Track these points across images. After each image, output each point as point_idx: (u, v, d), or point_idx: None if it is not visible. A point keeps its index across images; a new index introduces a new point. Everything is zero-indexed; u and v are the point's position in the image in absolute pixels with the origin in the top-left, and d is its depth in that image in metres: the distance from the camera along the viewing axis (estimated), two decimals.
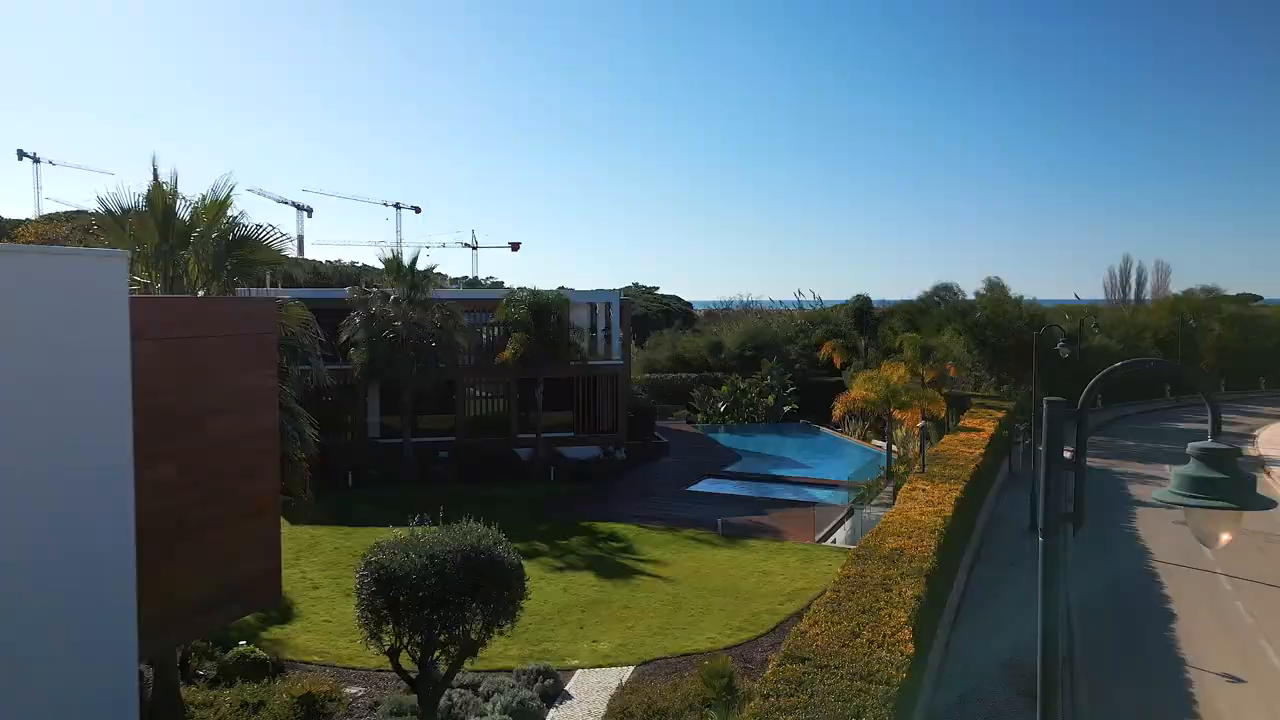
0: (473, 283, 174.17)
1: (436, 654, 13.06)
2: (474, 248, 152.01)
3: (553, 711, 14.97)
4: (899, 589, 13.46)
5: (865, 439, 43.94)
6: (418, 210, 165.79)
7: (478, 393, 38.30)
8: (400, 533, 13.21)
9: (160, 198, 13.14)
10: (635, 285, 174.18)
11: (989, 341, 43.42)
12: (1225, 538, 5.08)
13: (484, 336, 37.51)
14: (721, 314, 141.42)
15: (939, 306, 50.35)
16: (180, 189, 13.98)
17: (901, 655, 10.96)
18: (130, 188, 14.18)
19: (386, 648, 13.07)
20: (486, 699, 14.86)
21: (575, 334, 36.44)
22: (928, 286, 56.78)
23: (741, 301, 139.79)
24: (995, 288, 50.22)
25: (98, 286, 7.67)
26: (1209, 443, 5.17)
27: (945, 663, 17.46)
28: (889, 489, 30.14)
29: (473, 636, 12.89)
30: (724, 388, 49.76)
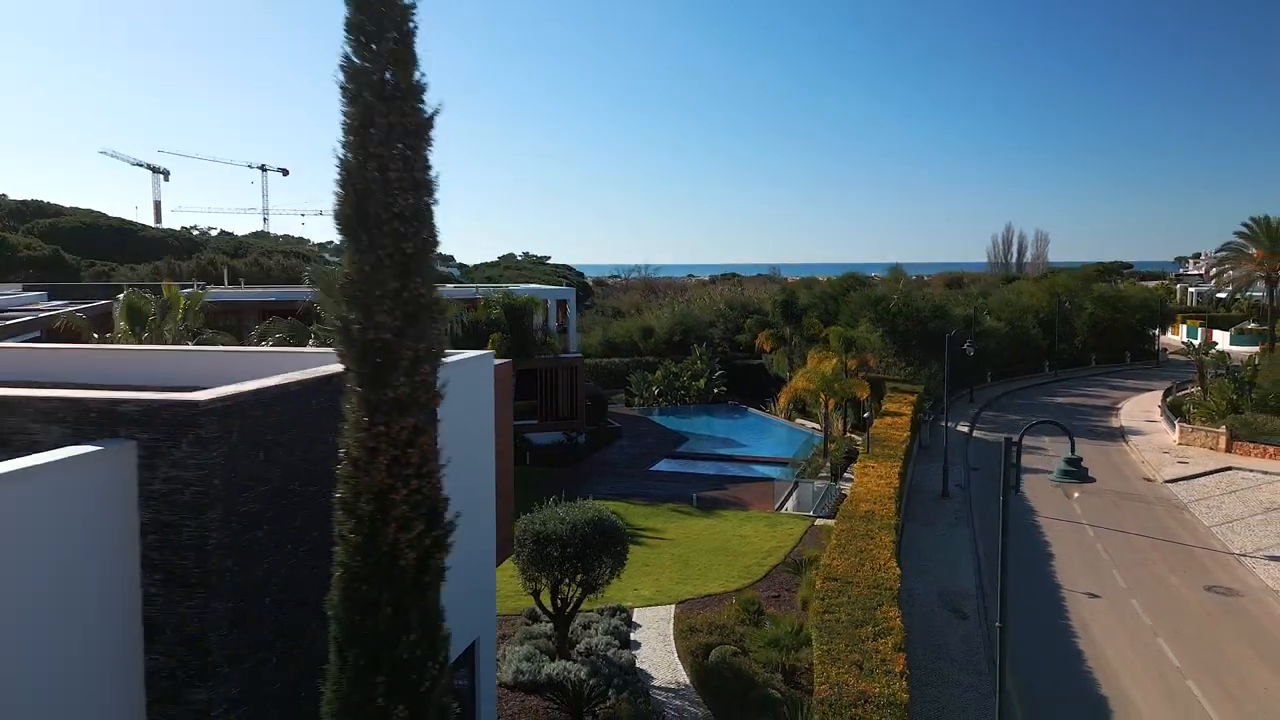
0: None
1: (572, 591, 20.28)
2: None
3: (633, 634, 22.42)
4: (879, 537, 21.58)
5: (790, 418, 52.61)
6: (285, 173, 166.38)
7: None
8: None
9: None
10: (526, 255, 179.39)
11: (899, 329, 52.75)
12: (1076, 494, 13.05)
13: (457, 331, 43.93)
14: (620, 283, 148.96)
15: (849, 295, 59.51)
16: None
17: (894, 574, 19.01)
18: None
19: (532, 590, 20.28)
20: (585, 628, 22.20)
21: (542, 332, 43.35)
22: (831, 257, 65.92)
23: (642, 268, 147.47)
24: (901, 278, 59.63)
25: (484, 368, 14.53)
26: (1069, 454, 13.08)
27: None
28: (826, 465, 38.59)
29: (598, 582, 20.12)
30: (658, 373, 57.54)
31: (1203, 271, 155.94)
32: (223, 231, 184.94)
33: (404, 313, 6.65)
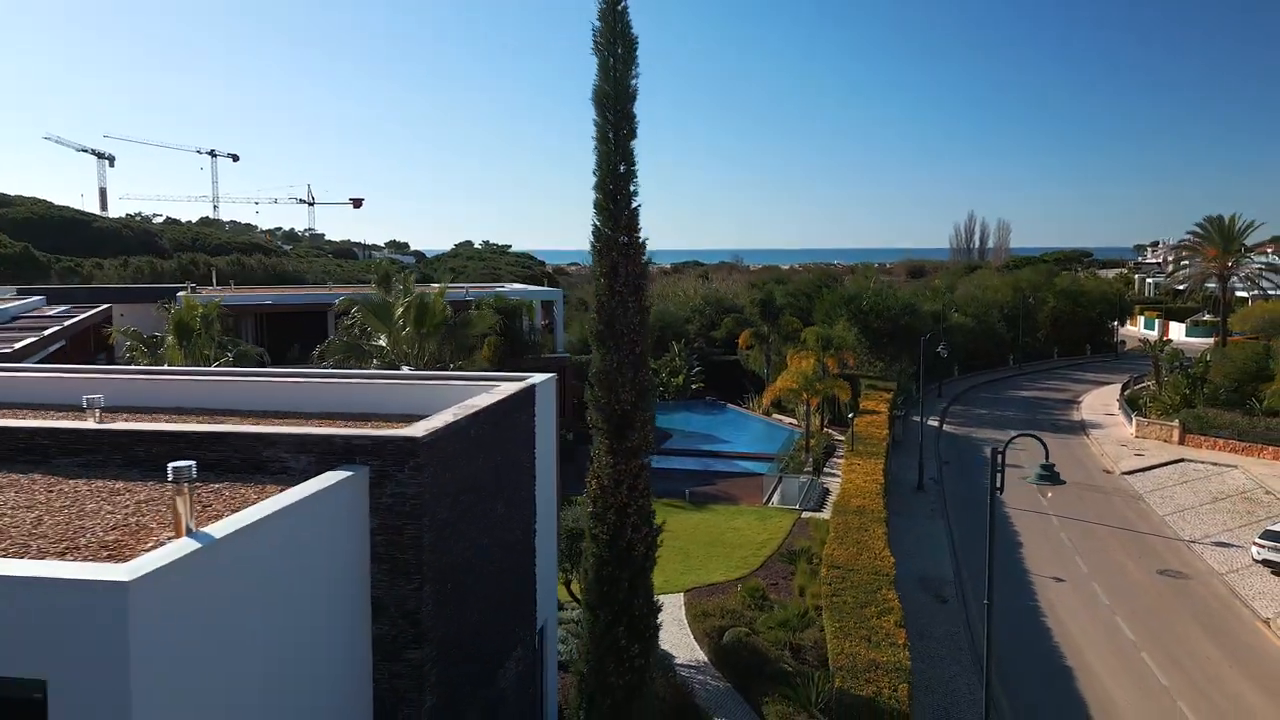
0: (292, 236, 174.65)
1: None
2: (310, 204, 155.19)
3: None
4: (872, 530, 24.94)
5: (767, 413, 56.01)
6: (235, 158, 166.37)
7: None
8: None
9: (417, 301, 22.49)
10: (486, 244, 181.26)
11: (872, 327, 56.48)
12: (1050, 494, 16.41)
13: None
14: (583, 272, 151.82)
15: (823, 292, 63.13)
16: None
17: (889, 563, 22.35)
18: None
19: (564, 581, 23.36)
20: None
21: (533, 334, 46.22)
22: (793, 243, 69.28)
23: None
24: (871, 275, 63.18)
25: (550, 390, 17.51)
26: (1044, 462, 16.41)
27: None
28: (809, 460, 41.96)
29: None
30: None
31: (1160, 260, 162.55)
32: (169, 219, 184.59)
33: (636, 392, 10.00)
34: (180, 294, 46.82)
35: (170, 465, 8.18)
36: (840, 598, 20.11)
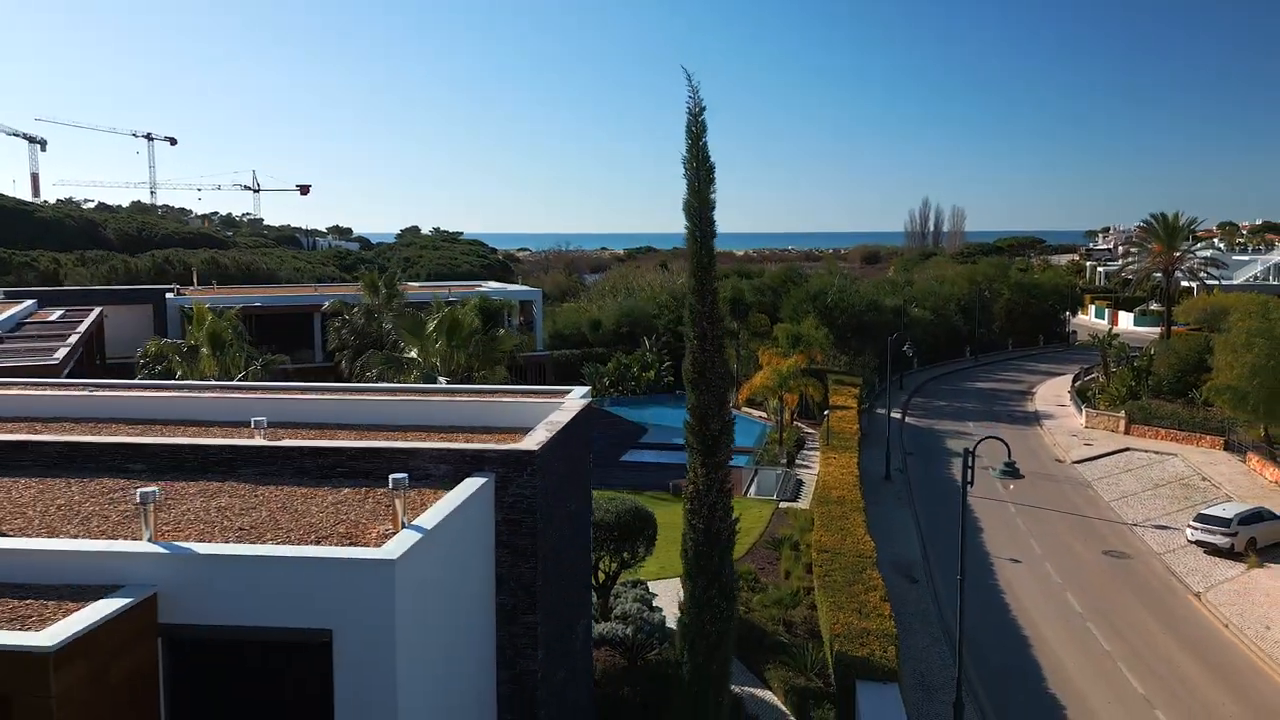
0: (230, 221, 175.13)
1: (613, 566, 27.00)
2: (256, 190, 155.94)
3: (654, 601, 29.23)
4: (852, 518, 28.87)
5: (738, 407, 59.92)
6: (173, 141, 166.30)
7: None
8: None
9: (451, 314, 25.81)
10: (437, 230, 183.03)
11: (837, 322, 60.78)
12: (1010, 486, 20.40)
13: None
14: (536, 259, 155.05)
15: (789, 289, 67.29)
16: None
17: (870, 547, 26.28)
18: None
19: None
20: (616, 597, 28.93)
21: (519, 333, 49.61)
22: (747, 226, 73.07)
23: (554, 239, 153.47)
24: (832, 269, 67.37)
25: (583, 401, 21.04)
26: (1006, 459, 20.38)
27: None
28: (783, 453, 45.93)
29: (634, 559, 26.86)
30: (610, 364, 64.21)
31: (1111, 246, 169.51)
32: (100, 204, 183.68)
33: (723, 422, 13.70)
34: (169, 295, 49.55)
35: (391, 476, 11.65)
36: (831, 577, 23.99)
